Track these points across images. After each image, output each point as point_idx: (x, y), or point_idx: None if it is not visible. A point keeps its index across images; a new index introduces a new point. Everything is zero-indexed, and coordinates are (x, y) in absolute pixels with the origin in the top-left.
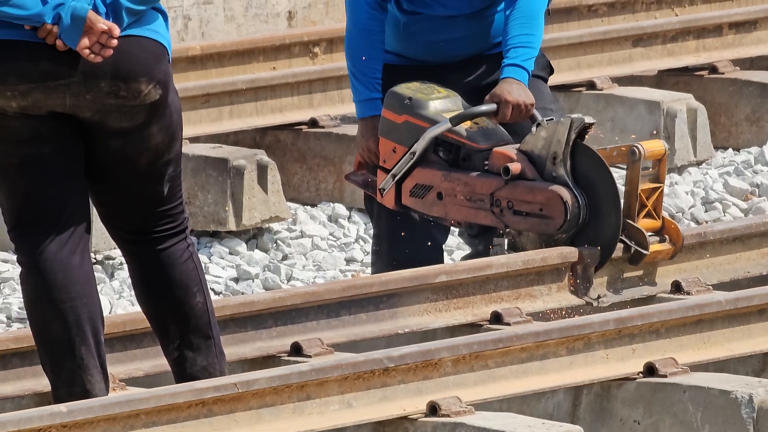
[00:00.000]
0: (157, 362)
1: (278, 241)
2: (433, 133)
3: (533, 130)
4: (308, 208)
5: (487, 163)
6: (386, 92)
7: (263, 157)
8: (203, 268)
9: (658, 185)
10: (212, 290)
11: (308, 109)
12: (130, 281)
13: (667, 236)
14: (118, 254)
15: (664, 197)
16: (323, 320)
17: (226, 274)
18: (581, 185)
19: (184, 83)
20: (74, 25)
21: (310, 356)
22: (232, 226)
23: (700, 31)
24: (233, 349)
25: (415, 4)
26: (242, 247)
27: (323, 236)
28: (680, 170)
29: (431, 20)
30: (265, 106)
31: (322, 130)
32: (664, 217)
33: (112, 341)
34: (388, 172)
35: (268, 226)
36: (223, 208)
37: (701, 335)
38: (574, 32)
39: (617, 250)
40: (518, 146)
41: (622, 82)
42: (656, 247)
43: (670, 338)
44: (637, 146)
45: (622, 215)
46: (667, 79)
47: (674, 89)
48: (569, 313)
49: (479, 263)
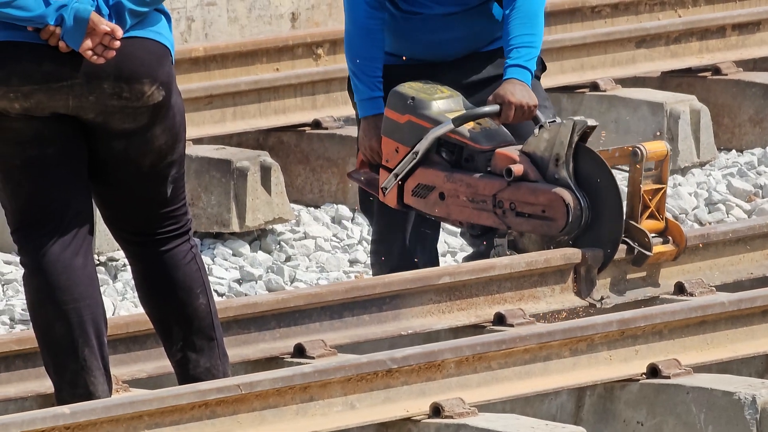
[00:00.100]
0: (160, 364)
1: (281, 242)
2: (436, 133)
3: (536, 131)
4: (311, 209)
5: (489, 164)
6: (388, 92)
7: (266, 158)
8: (206, 269)
9: (660, 186)
10: (215, 292)
11: (311, 110)
12: (133, 283)
13: (670, 237)
14: (121, 256)
15: (667, 198)
16: (326, 322)
17: (229, 275)
18: (583, 187)
19: (187, 84)
20: (77, 26)
21: (313, 358)
22: (235, 227)
23: (703, 32)
24: (236, 350)
25: (412, 3)
26: (245, 248)
27: (326, 237)
28: (683, 171)
29: (428, 19)
30: (268, 107)
31: (325, 131)
32: (667, 218)
33: (115, 343)
34: (390, 171)
35: (271, 227)
36: (226, 209)
37: (704, 336)
38: (577, 33)
39: (620, 251)
40: (521, 147)
41: (625, 83)
42: (659, 248)
43: (673, 339)
44: (639, 147)
45: (624, 218)
46: (670, 80)
47: (677, 90)
48: (568, 315)
49: (482, 265)
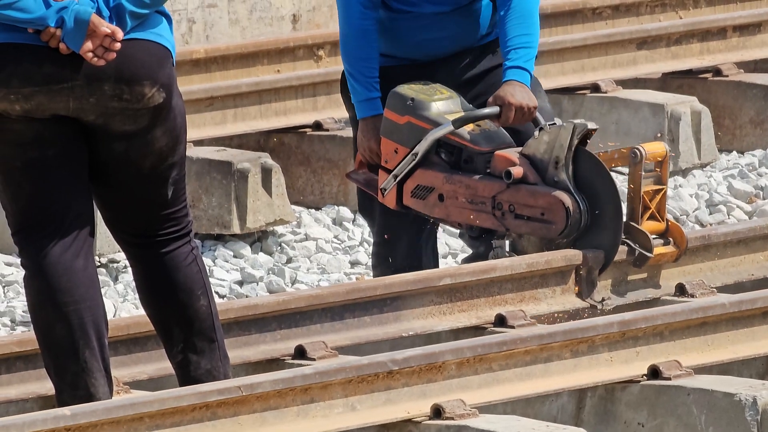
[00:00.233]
0: (161, 365)
1: (282, 244)
2: (435, 135)
3: (536, 134)
4: (312, 211)
5: (489, 166)
6: (387, 93)
7: (267, 160)
8: (207, 271)
9: (661, 187)
10: (216, 293)
11: (312, 112)
12: (134, 284)
13: (671, 239)
14: (122, 257)
15: (668, 200)
16: (327, 323)
17: (230, 277)
18: (583, 190)
19: (188, 86)
20: (77, 28)
21: (314, 359)
22: (236, 229)
23: (704, 33)
24: (237, 352)
25: (403, 2)
26: (246, 250)
27: (327, 239)
28: (684, 173)
29: (420, 18)
30: (269, 109)
31: (326, 133)
32: (668, 219)
33: (116, 344)
34: (389, 172)
35: (272, 229)
36: (227, 211)
37: (705, 338)
38: (578, 35)
39: (621, 252)
40: (520, 150)
41: (626, 84)
42: (660, 249)
43: (674, 341)
44: (638, 148)
45: (623, 222)
46: (671, 81)
47: (678, 92)
48: (567, 317)
49: (483, 266)
